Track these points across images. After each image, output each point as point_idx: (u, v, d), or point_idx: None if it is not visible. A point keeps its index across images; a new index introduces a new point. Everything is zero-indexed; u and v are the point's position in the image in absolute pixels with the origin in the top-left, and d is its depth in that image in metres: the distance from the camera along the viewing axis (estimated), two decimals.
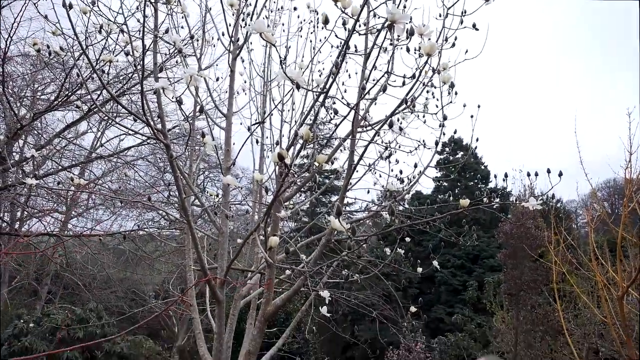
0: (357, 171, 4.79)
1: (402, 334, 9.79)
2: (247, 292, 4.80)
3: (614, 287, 3.33)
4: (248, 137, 3.79)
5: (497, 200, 3.55)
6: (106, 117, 5.96)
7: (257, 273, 4.54)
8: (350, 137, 3.50)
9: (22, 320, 9.78)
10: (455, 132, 4.32)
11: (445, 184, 15.37)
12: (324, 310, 3.64)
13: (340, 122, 2.91)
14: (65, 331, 9.74)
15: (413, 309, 4.79)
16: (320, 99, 2.99)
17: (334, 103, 3.57)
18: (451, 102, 3.26)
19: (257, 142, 4.06)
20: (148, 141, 6.81)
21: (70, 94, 4.98)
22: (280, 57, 2.81)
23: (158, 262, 11.38)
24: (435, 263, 4.32)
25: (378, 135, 3.85)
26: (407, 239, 5.26)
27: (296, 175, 3.15)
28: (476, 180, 17.11)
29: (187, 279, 4.80)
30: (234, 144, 4.17)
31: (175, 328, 13.56)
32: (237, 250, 3.38)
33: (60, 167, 6.37)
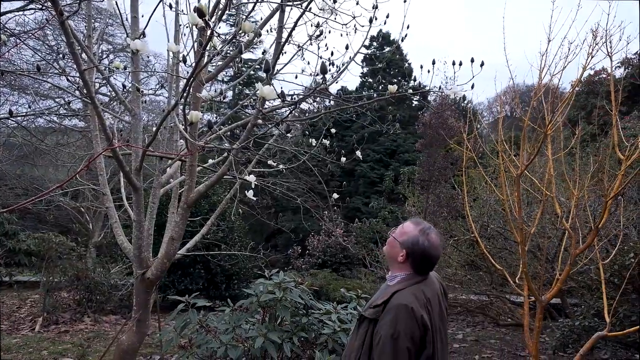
0: (285, 52, 4.47)
1: (323, 221, 10.55)
2: (167, 181, 4.56)
3: (515, 168, 3.70)
4: (160, 1, 3.21)
5: (424, 89, 3.60)
6: None
7: (178, 160, 4.28)
8: (279, 10, 3.14)
9: None
10: (387, 17, 4.14)
11: (370, 79, 15.47)
12: (250, 194, 3.60)
13: None
14: None
15: (335, 195, 5.00)
16: None
17: None
18: None
19: (170, 7, 3.48)
20: (30, 5, 5.57)
21: None
22: None
23: (62, 155, 10.34)
24: (358, 153, 4.44)
25: (309, 11, 3.51)
26: (333, 130, 5.29)
27: (219, 46, 2.78)
28: (400, 78, 17.53)
29: (97, 167, 4.38)
30: (142, 15, 3.56)
31: (89, 225, 13.01)
32: (152, 136, 3.06)
33: None
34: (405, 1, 3.80)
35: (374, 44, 17.19)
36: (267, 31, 4.38)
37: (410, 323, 1.47)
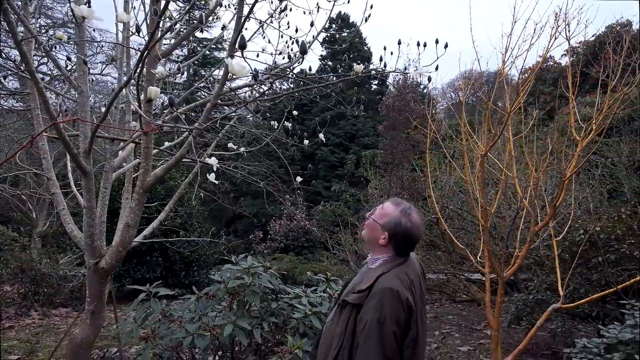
0: (246, 29, 4.27)
1: (285, 205, 10.45)
2: (120, 165, 4.26)
3: (477, 150, 3.77)
4: None
5: (386, 70, 3.56)
6: None
7: (131, 142, 4.00)
8: None
9: None
10: None
11: (330, 63, 15.34)
12: (211, 177, 3.43)
13: None
14: None
15: (299, 178, 4.92)
16: None
17: None
18: None
19: None
20: None
21: None
22: None
23: None
24: (321, 136, 4.37)
25: None
26: (295, 112, 5.16)
27: (175, 17, 2.57)
28: (359, 61, 17.57)
29: (40, 149, 4.01)
30: None
31: (32, 213, 12.11)
32: (102, 115, 2.80)
33: None
34: None
35: (333, 25, 17.03)
36: (226, 6, 4.15)
37: (395, 306, 1.43)
